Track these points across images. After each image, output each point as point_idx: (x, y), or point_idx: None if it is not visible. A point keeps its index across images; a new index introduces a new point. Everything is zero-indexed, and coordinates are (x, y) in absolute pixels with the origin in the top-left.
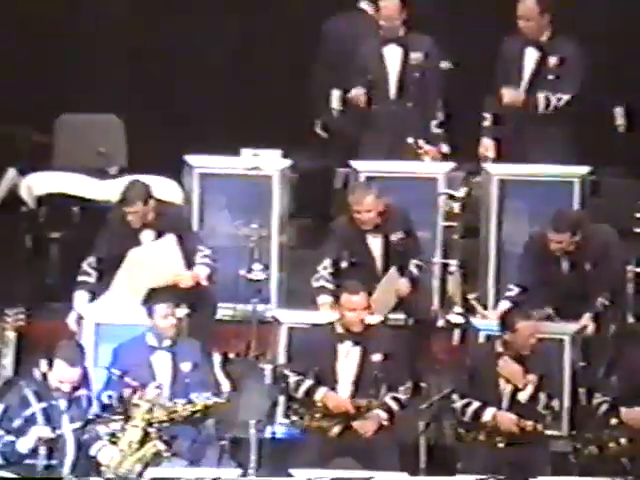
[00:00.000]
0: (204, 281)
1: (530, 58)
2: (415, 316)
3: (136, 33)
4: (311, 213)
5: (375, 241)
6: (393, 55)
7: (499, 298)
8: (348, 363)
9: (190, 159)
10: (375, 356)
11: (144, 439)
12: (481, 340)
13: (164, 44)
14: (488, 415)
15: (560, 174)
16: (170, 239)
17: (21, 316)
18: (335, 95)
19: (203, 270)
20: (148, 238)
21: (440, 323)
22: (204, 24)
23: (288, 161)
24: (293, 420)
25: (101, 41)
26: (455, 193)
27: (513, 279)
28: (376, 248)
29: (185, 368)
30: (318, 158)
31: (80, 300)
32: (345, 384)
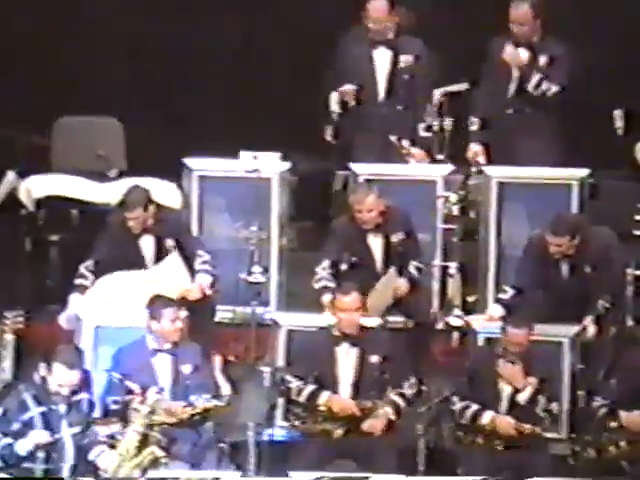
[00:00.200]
0: (208, 290)
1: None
2: (414, 319)
3: (135, 35)
4: (310, 215)
5: (376, 241)
6: (383, 58)
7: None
8: (347, 365)
9: (189, 162)
10: (373, 357)
11: (143, 444)
12: (480, 342)
13: (163, 46)
14: (486, 418)
15: (559, 177)
16: (174, 258)
17: (20, 319)
18: (334, 98)
19: (205, 279)
20: (147, 243)
21: (439, 326)
22: (204, 26)
23: (287, 164)
24: (294, 424)
25: (100, 43)
26: (454, 196)
27: (512, 282)
28: (376, 248)
29: (185, 370)
30: (317, 160)
31: (76, 303)
32: (345, 386)
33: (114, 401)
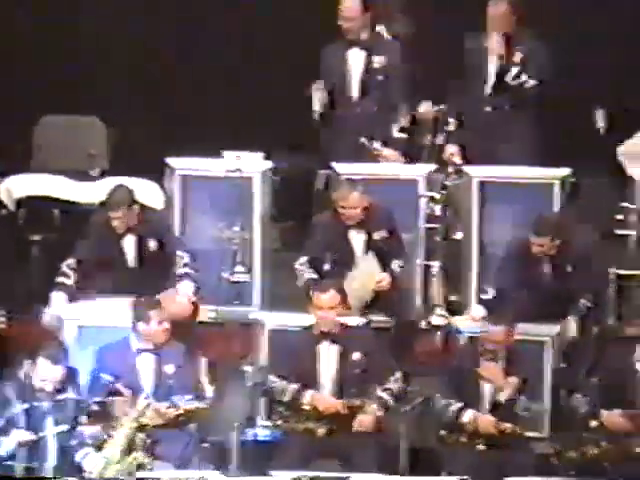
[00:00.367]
0: (193, 297)
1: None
2: (397, 318)
3: (121, 35)
4: (293, 215)
5: (358, 237)
6: (356, 58)
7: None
8: (328, 363)
9: (172, 161)
10: (355, 354)
11: (129, 448)
12: (463, 342)
13: (147, 46)
14: (467, 416)
15: (540, 176)
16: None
17: (1, 318)
18: (316, 97)
19: (189, 287)
20: (130, 243)
21: (422, 325)
22: (188, 27)
23: (269, 163)
24: (277, 423)
25: (85, 43)
26: (435, 195)
27: (494, 281)
28: (358, 244)
29: (169, 370)
30: (299, 160)
31: (57, 301)
32: (327, 384)
33: (97, 402)
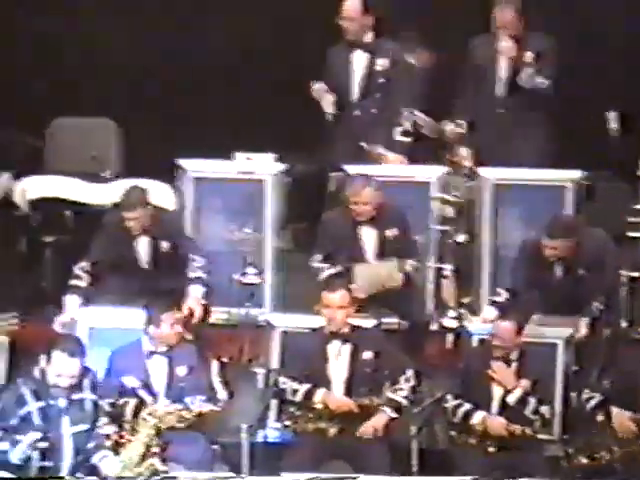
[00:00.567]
0: (202, 300)
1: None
2: (409, 320)
3: (132, 37)
4: (305, 217)
5: (368, 233)
6: (359, 60)
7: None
8: (339, 363)
9: (184, 163)
10: (365, 354)
11: (146, 454)
12: (474, 344)
13: (159, 47)
14: (477, 418)
15: (554, 178)
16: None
17: (14, 320)
18: (327, 100)
19: (199, 291)
20: (143, 245)
21: (434, 327)
22: (201, 27)
23: (282, 165)
24: (287, 424)
25: (98, 45)
26: (449, 197)
27: (506, 283)
28: (368, 240)
29: (180, 372)
30: (312, 162)
31: (71, 304)
32: (338, 384)
33: (113, 404)
